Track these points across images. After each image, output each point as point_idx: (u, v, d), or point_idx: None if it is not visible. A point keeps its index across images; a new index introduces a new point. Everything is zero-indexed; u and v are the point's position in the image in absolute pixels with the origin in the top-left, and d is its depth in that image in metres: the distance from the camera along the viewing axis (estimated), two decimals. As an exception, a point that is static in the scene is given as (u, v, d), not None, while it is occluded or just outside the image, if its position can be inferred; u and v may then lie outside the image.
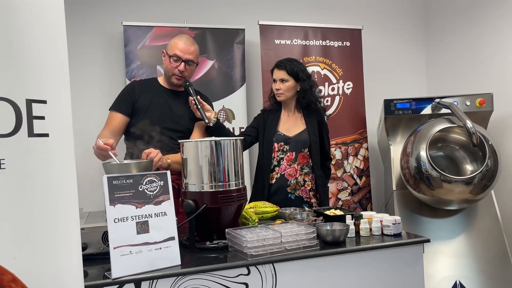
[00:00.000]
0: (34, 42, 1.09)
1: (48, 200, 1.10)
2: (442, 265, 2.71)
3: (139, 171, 1.69)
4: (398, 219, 1.64)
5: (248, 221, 1.72)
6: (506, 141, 3.08)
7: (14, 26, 1.04)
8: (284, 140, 2.32)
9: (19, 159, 1.04)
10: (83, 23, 3.00)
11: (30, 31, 1.09)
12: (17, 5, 1.06)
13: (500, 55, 3.13)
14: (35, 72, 1.09)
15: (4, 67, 1.02)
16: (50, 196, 1.10)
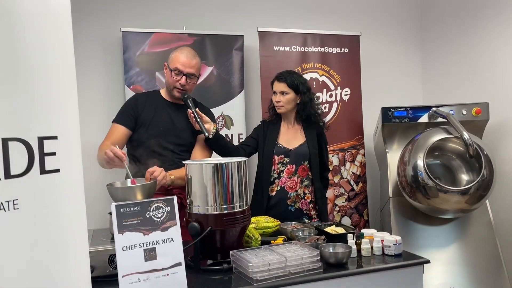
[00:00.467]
0: (44, 78, 1.10)
1: (59, 235, 1.11)
2: (437, 272, 2.76)
3: (144, 192, 1.70)
4: (399, 239, 1.68)
5: (251, 239, 1.74)
6: (501, 149, 3.13)
7: (24, 66, 1.04)
8: (284, 152, 2.34)
9: (32, 198, 1.05)
10: (82, 29, 2.97)
11: (39, 67, 1.09)
12: (27, 43, 1.06)
13: (496, 64, 3.17)
14: (45, 108, 1.10)
15: (16, 106, 1.02)
16: (61, 231, 1.12)
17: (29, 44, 1.07)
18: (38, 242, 1.05)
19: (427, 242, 2.86)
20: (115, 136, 2.11)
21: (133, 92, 2.96)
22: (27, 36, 1.07)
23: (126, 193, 1.71)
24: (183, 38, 3.07)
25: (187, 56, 2.14)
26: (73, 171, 1.15)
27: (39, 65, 1.09)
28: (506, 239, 3.08)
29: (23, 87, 1.04)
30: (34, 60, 1.08)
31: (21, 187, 1.02)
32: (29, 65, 1.07)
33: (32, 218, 1.04)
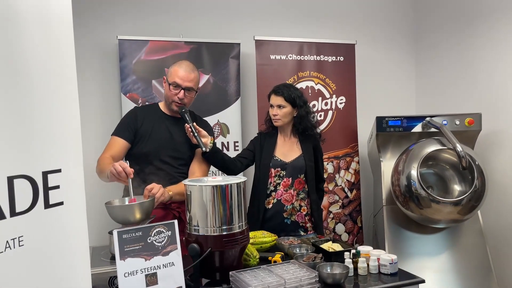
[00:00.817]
0: (48, 111, 1.10)
1: (63, 267, 1.13)
2: (428, 280, 2.79)
3: (142, 211, 1.72)
4: (395, 258, 1.71)
5: (249, 257, 1.76)
6: (492, 159, 3.18)
7: (27, 102, 1.05)
8: (280, 165, 2.36)
9: (36, 234, 1.06)
10: (78, 36, 2.92)
11: (43, 101, 1.09)
12: (31, 78, 1.07)
13: (488, 75, 3.21)
14: (49, 142, 1.11)
15: (20, 142, 1.03)
16: (65, 263, 1.13)
17: (33, 78, 1.08)
18: (43, 277, 1.06)
19: (420, 250, 2.91)
20: (115, 149, 2.11)
21: (129, 100, 2.96)
22: (31, 71, 1.08)
23: (125, 212, 1.72)
24: (180, 46, 3.07)
25: (186, 70, 2.15)
26: (76, 203, 1.16)
27: (42, 98, 1.10)
28: (496, 247, 3.14)
29: (27, 123, 1.05)
30: (38, 95, 1.09)
31: (26, 223, 1.03)
32: (32, 100, 1.07)
33: (37, 254, 1.05)
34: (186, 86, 2.14)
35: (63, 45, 1.18)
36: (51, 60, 1.11)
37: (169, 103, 2.20)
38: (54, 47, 1.15)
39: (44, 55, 1.09)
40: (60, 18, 1.14)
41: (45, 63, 1.10)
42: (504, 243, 3.13)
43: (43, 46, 1.10)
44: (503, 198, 3.11)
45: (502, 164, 3.11)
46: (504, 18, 3.06)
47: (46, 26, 1.10)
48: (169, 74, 2.18)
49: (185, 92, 2.15)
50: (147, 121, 2.19)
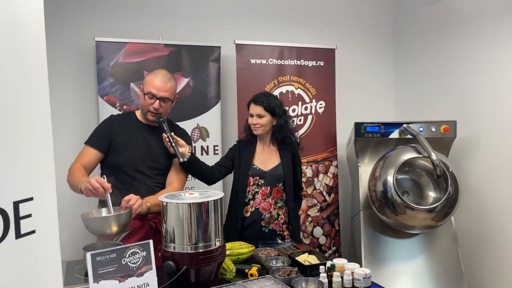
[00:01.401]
0: (20, 141, 1.08)
1: (34, 295, 1.11)
2: (402, 284, 2.88)
3: (119, 223, 1.70)
4: (368, 272, 1.74)
5: (226, 271, 1.77)
6: (465, 164, 3.26)
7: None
8: (259, 174, 2.37)
9: (8, 265, 1.04)
10: (53, 37, 2.88)
11: (13, 128, 1.07)
12: (2, 105, 1.04)
13: (463, 83, 3.28)
14: (21, 170, 1.08)
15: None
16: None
17: (2, 103, 1.05)
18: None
19: (395, 254, 2.98)
20: (86, 159, 2.08)
21: (107, 103, 2.91)
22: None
23: (101, 224, 1.71)
24: (159, 49, 3.03)
25: (161, 79, 2.12)
26: (49, 229, 1.15)
27: (12, 125, 1.07)
28: (468, 251, 3.24)
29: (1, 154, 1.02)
30: (7, 121, 1.06)
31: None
32: (3, 125, 1.04)
33: (9, 284, 1.03)
34: (161, 96, 2.11)
35: (36, 66, 1.15)
36: (22, 85, 1.09)
37: (144, 113, 2.17)
38: (25, 67, 1.12)
39: (13, 78, 1.06)
40: (32, 35, 1.11)
41: (16, 89, 1.07)
42: (476, 247, 3.23)
43: (12, 67, 1.07)
44: (476, 202, 3.20)
45: (475, 170, 3.20)
46: (479, 29, 3.12)
47: (15, 49, 1.07)
48: (145, 83, 2.15)
49: (161, 102, 2.12)
50: (123, 130, 2.16)
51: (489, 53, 3.07)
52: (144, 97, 2.13)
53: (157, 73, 2.16)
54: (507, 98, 2.95)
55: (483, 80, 3.12)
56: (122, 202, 1.85)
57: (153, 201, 1.99)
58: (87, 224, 1.73)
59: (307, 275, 1.79)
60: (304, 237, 3.36)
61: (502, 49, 2.97)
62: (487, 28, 3.07)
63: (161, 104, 2.13)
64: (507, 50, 2.94)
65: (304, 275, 1.79)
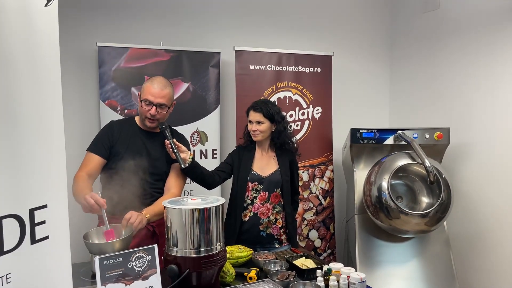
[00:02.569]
0: (34, 150, 1.13)
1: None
2: (395, 287, 2.95)
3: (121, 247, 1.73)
4: (364, 277, 1.81)
5: (226, 275, 1.83)
6: (458, 171, 3.34)
7: (14, 140, 1.07)
8: (258, 180, 2.43)
9: (23, 269, 1.10)
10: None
11: (28, 138, 1.12)
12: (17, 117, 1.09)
13: (457, 91, 3.35)
14: (36, 179, 1.14)
15: (8, 182, 1.06)
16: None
17: (18, 116, 1.10)
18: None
19: (388, 258, 3.05)
20: (91, 166, 2.12)
21: (108, 107, 2.96)
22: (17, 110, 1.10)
23: (103, 248, 1.73)
24: (160, 54, 3.08)
25: (158, 86, 2.16)
26: (60, 236, 1.20)
27: (27, 135, 1.12)
28: (460, 256, 3.32)
29: (14, 161, 1.08)
30: (22, 131, 1.11)
31: (13, 260, 1.07)
32: (18, 138, 1.10)
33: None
34: (157, 103, 2.15)
35: (50, 76, 1.22)
36: (38, 99, 1.14)
37: (142, 119, 2.22)
38: (41, 78, 1.18)
39: (30, 91, 1.12)
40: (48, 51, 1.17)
41: (32, 102, 1.13)
42: (468, 251, 3.31)
43: (29, 82, 1.13)
44: (468, 208, 3.27)
45: (468, 176, 3.28)
46: (474, 38, 3.20)
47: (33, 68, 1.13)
48: (142, 90, 2.19)
49: (157, 109, 2.16)
50: (123, 136, 2.20)
51: (482, 62, 3.15)
52: (141, 104, 2.17)
53: (154, 80, 2.20)
54: (500, 106, 3.03)
55: (476, 88, 3.20)
56: (122, 221, 1.87)
57: (152, 211, 2.02)
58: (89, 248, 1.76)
59: (304, 278, 1.85)
60: (299, 240, 3.42)
61: (496, 57, 3.05)
62: (481, 37, 3.15)
63: (158, 110, 2.16)
64: (500, 58, 3.02)
65: (301, 278, 1.85)
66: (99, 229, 1.86)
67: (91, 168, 2.12)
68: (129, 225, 1.84)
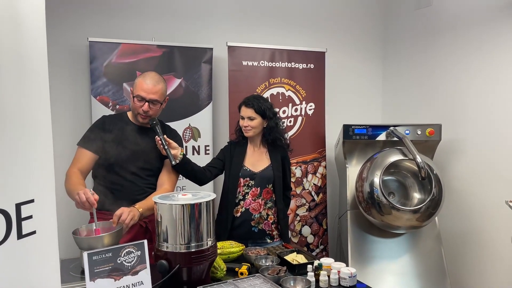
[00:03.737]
0: (20, 144, 1.12)
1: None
2: (387, 283, 2.97)
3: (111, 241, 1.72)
4: (354, 271, 1.82)
5: (217, 270, 1.83)
6: (450, 167, 3.36)
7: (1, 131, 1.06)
8: (249, 175, 2.43)
9: (10, 264, 1.08)
10: (47, 37, 2.90)
11: (15, 132, 1.11)
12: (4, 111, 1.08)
13: (449, 88, 3.37)
14: (23, 174, 1.12)
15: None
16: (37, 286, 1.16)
17: (4, 110, 1.09)
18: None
19: (380, 253, 3.06)
20: (83, 162, 2.10)
21: (100, 103, 2.95)
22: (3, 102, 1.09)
23: (92, 243, 1.72)
24: (152, 50, 3.07)
25: (150, 82, 2.14)
26: (48, 231, 1.19)
27: (14, 129, 1.11)
28: (451, 251, 3.35)
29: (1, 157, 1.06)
30: (8, 124, 1.10)
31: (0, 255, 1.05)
32: (3, 132, 1.08)
33: (10, 283, 1.08)
34: (150, 99, 2.13)
35: (37, 69, 1.20)
36: (24, 92, 1.13)
37: (135, 115, 2.20)
38: (27, 71, 1.16)
39: (16, 85, 1.10)
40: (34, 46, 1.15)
41: (17, 95, 1.12)
42: (459, 247, 3.34)
43: (14, 75, 1.12)
44: (459, 204, 3.30)
45: (459, 172, 3.30)
46: (466, 35, 3.22)
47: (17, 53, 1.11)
48: (134, 86, 2.17)
49: (150, 105, 2.14)
50: (116, 131, 2.18)
51: (474, 59, 3.17)
52: (133, 99, 2.15)
53: (146, 75, 2.17)
54: (492, 103, 3.05)
55: (468, 85, 3.22)
56: (113, 217, 1.85)
57: (145, 206, 2.01)
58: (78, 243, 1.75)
59: (296, 273, 1.86)
60: (292, 236, 3.43)
61: (488, 54, 3.07)
62: (474, 34, 3.17)
63: (150, 106, 2.15)
64: (492, 55, 3.04)
65: (292, 273, 1.86)
66: (90, 226, 1.85)
67: (83, 164, 2.10)
68: (120, 222, 1.82)
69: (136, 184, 2.15)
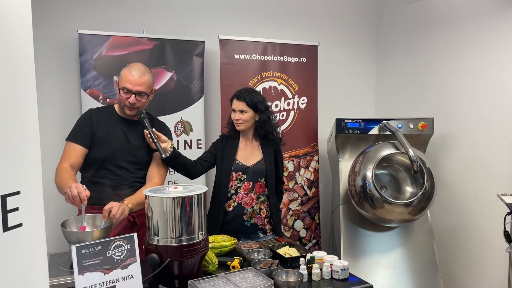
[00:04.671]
0: (5, 136, 1.09)
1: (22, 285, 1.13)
2: (379, 276, 2.97)
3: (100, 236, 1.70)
4: (346, 264, 1.81)
5: (208, 264, 1.82)
6: (441, 161, 3.37)
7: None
8: (242, 169, 2.41)
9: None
10: (35, 29, 2.83)
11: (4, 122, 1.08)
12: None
13: (441, 82, 3.38)
14: (8, 165, 1.10)
15: (-23, 167, 1.02)
16: (24, 280, 1.14)
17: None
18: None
19: (373, 247, 3.07)
20: (73, 157, 2.06)
21: (90, 96, 2.91)
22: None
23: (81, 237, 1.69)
24: (143, 42, 3.03)
25: (136, 73, 2.09)
26: (35, 223, 1.17)
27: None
28: (443, 244, 3.36)
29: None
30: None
31: (-16, 249, 1.03)
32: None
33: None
34: (136, 91, 2.09)
35: (23, 60, 1.17)
36: (9, 80, 1.10)
37: (121, 107, 2.16)
38: (12, 62, 1.13)
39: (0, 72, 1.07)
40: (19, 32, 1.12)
41: (2, 83, 1.09)
42: (451, 240, 3.35)
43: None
44: (451, 198, 3.31)
45: (451, 166, 3.31)
46: (458, 28, 3.22)
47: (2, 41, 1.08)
48: (120, 78, 2.13)
49: (136, 97, 2.10)
50: (103, 125, 2.14)
51: (466, 52, 3.17)
52: (120, 92, 2.11)
53: (132, 67, 2.13)
54: (484, 96, 3.06)
55: (460, 78, 3.23)
56: (103, 212, 1.82)
57: (134, 201, 1.98)
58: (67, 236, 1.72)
59: (288, 267, 1.85)
60: (285, 230, 3.42)
61: (480, 48, 3.07)
62: (466, 28, 3.17)
63: (137, 98, 2.10)
64: (484, 49, 3.04)
65: (284, 267, 1.85)
66: (79, 218, 1.82)
67: (73, 159, 2.06)
68: (110, 217, 1.80)
69: (124, 178, 2.12)
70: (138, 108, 2.14)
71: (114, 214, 1.81)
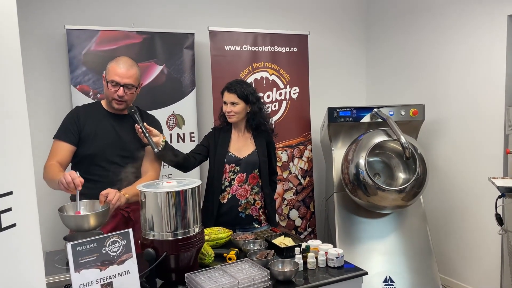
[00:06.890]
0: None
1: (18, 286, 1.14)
2: (375, 262, 3.02)
3: (97, 220, 1.72)
4: (341, 252, 1.83)
5: (205, 256, 1.83)
6: (433, 146, 3.40)
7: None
8: (235, 161, 2.41)
9: (-11, 259, 1.06)
10: (22, 25, 2.78)
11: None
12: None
13: (432, 68, 3.39)
14: (0, 166, 1.09)
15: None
16: (20, 280, 1.14)
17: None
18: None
19: (367, 234, 3.10)
20: (61, 155, 2.05)
21: (80, 92, 2.89)
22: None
23: (79, 221, 1.71)
24: (132, 36, 3.00)
25: (124, 66, 2.09)
26: (29, 223, 1.17)
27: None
28: (436, 229, 3.41)
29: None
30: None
31: (-22, 250, 1.03)
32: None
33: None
34: (125, 83, 2.08)
35: (10, 58, 1.16)
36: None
37: (109, 101, 2.15)
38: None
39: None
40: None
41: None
42: (443, 225, 3.40)
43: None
44: (443, 182, 3.35)
45: (443, 151, 3.34)
46: (448, 16, 3.22)
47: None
48: (107, 71, 2.11)
49: (125, 89, 2.09)
50: (91, 121, 2.13)
51: (457, 39, 3.18)
52: (107, 85, 2.10)
53: (119, 60, 2.12)
54: (474, 83, 3.08)
55: (451, 65, 3.24)
56: (100, 197, 1.84)
57: (132, 191, 1.99)
58: (64, 220, 1.74)
59: (283, 256, 1.87)
60: (280, 220, 3.45)
61: (468, 33, 3.09)
62: (454, 13, 3.18)
63: (126, 91, 2.10)
64: (474, 36, 3.06)
65: (280, 257, 1.87)
66: (74, 204, 1.82)
67: (62, 157, 2.05)
68: (107, 201, 1.81)
69: (116, 173, 2.11)
70: (126, 102, 2.13)
71: (110, 199, 1.82)
